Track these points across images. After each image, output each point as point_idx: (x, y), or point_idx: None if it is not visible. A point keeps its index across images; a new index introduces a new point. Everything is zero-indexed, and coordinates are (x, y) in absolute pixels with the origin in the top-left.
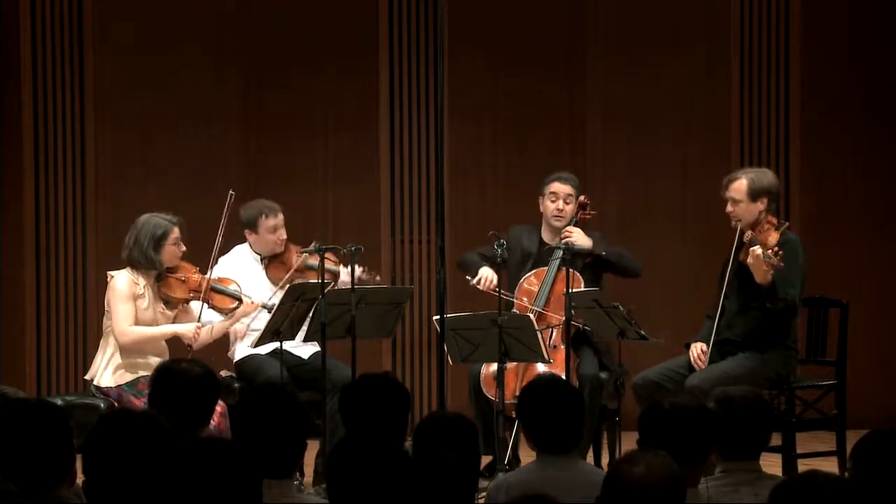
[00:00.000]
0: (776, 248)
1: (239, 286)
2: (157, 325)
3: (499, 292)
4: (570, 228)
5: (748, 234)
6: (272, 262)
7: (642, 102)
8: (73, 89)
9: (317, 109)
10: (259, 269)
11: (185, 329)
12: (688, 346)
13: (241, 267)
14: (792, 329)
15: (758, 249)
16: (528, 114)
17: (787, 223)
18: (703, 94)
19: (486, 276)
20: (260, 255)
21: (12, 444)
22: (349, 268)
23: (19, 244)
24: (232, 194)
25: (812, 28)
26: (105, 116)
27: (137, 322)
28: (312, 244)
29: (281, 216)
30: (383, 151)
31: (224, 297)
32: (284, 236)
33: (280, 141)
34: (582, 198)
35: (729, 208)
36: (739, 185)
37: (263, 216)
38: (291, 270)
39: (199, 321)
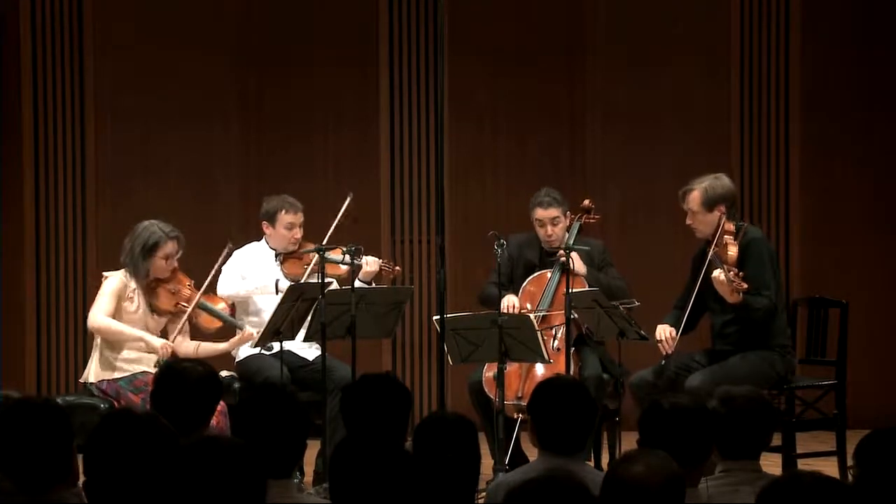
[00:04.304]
0: (736, 271)
1: (228, 308)
2: (147, 329)
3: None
4: (574, 257)
5: (711, 250)
6: (288, 258)
7: (642, 102)
8: (73, 89)
9: (317, 109)
10: (275, 265)
11: (153, 340)
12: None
13: (256, 261)
14: (782, 328)
15: (721, 275)
16: (528, 114)
17: (744, 224)
18: (703, 94)
19: (510, 304)
20: (275, 250)
21: (12, 443)
22: (362, 257)
23: (19, 244)
24: (230, 246)
25: (812, 28)
26: (105, 116)
27: (125, 323)
28: (343, 247)
29: (300, 215)
30: (383, 151)
31: (210, 318)
32: (299, 235)
33: (280, 141)
34: (586, 202)
35: (688, 220)
36: (694, 197)
37: (284, 210)
38: (311, 265)
39: (173, 338)
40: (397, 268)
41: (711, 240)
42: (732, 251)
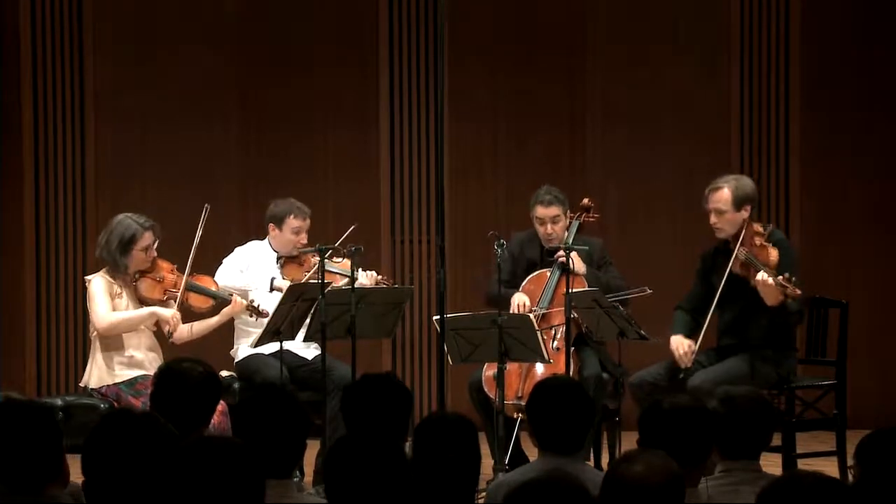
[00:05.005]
0: (787, 275)
1: (218, 286)
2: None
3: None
4: (573, 256)
5: (741, 250)
6: (289, 261)
7: (642, 102)
8: (73, 89)
9: (317, 109)
10: (275, 268)
11: (163, 311)
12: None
13: (256, 261)
14: (794, 330)
15: (769, 279)
16: (528, 114)
17: (771, 226)
18: (703, 94)
19: (521, 302)
20: (277, 252)
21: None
22: (359, 270)
23: (19, 244)
24: (207, 207)
25: (812, 28)
26: (105, 116)
27: None
28: (346, 248)
29: (308, 221)
30: (383, 151)
31: (201, 297)
32: (305, 241)
33: (280, 141)
34: (586, 200)
35: (713, 220)
36: (723, 195)
37: (293, 215)
38: (311, 271)
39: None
40: (396, 286)
41: (733, 240)
42: (773, 254)
